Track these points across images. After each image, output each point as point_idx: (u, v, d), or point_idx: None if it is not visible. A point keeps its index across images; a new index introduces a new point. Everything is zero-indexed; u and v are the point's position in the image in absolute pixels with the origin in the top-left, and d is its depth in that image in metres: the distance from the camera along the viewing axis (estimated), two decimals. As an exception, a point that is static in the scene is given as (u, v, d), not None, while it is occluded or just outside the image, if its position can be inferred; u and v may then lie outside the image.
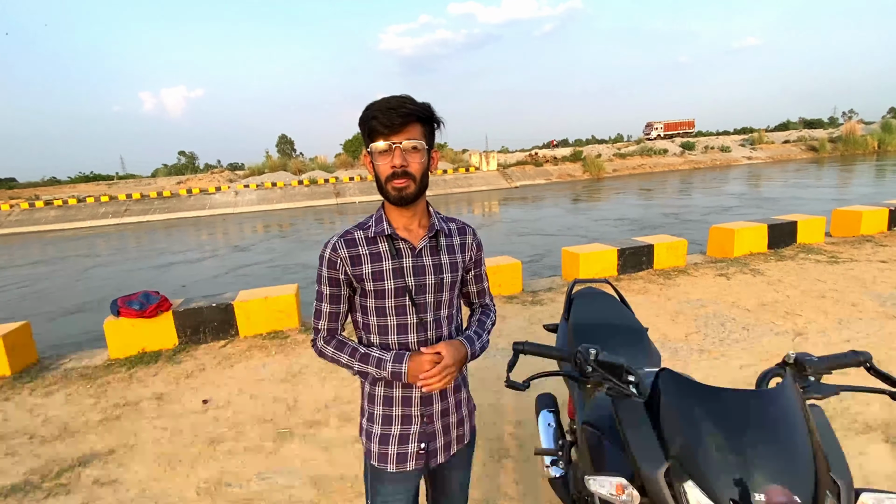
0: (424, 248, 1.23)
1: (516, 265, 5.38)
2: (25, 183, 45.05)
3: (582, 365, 1.12)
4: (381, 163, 1.13)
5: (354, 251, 1.19)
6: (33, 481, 2.68)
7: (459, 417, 1.34)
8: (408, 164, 1.12)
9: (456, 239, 1.30)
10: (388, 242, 1.20)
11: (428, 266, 1.23)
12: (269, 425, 3.11)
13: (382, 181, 1.15)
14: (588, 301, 2.20)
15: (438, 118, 1.18)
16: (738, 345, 3.79)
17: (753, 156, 37.09)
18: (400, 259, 1.20)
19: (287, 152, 60.00)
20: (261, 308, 4.57)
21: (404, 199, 1.15)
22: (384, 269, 1.19)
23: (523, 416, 3.01)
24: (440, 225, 1.27)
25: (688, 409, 0.95)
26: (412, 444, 1.25)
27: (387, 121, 1.09)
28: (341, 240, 1.21)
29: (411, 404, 1.25)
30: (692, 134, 53.92)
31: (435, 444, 1.28)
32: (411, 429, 1.25)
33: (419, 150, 1.13)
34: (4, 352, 4.01)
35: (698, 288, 5.16)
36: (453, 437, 1.32)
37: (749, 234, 6.25)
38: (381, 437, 1.26)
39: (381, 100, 1.12)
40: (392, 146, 1.11)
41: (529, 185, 29.68)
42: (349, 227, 1.24)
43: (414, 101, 1.12)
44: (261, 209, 25.66)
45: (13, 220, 24.56)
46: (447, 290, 1.26)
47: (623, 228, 12.43)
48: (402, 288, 1.19)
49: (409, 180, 1.13)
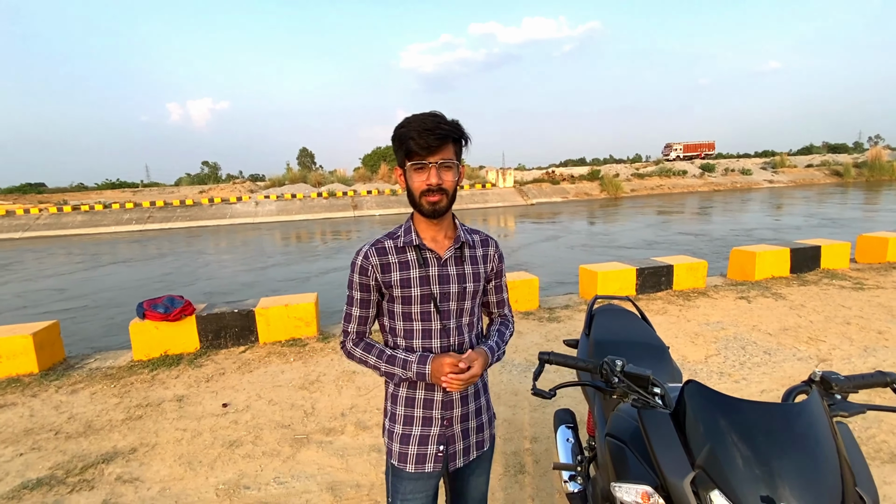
0: (450, 258, 1.29)
1: (533, 281, 5.39)
2: (54, 188, 46.54)
3: (608, 375, 1.14)
4: (416, 179, 1.20)
5: (385, 259, 1.25)
6: (58, 476, 2.75)
7: (479, 423, 1.37)
8: (442, 181, 1.19)
9: (479, 250, 1.36)
10: (416, 252, 1.26)
11: (452, 275, 1.28)
12: (287, 431, 3.15)
13: (416, 196, 1.22)
14: (609, 317, 2.21)
15: (468, 136, 1.24)
16: (759, 369, 3.73)
17: (775, 179, 36.58)
18: (426, 268, 1.26)
19: (307, 165, 61.06)
20: (281, 315, 4.65)
21: (437, 212, 1.22)
22: (411, 277, 1.25)
23: (539, 432, 3.00)
24: (465, 237, 1.33)
25: (715, 419, 0.97)
26: (432, 445, 1.29)
27: (424, 143, 1.15)
28: (372, 248, 1.26)
29: (432, 407, 1.29)
30: (712, 156, 53.45)
31: (454, 448, 1.32)
32: (431, 430, 1.29)
33: (452, 168, 1.21)
34: (34, 349, 4.13)
35: (718, 310, 5.10)
36: (472, 443, 1.36)
37: (771, 258, 6.17)
38: (401, 436, 1.30)
39: (417, 119, 1.17)
40: (428, 165, 1.17)
41: (546, 202, 29.68)
42: (380, 237, 1.30)
43: (446, 120, 1.19)
44: (280, 220, 26.08)
45: (42, 223, 25.35)
46: (469, 299, 1.31)
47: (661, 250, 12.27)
48: (428, 295, 1.25)
49: (443, 195, 1.20)
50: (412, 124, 1.16)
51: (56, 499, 2.55)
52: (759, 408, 0.97)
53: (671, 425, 1.02)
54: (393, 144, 1.23)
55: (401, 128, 1.19)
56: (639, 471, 1.14)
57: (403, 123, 1.19)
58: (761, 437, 0.92)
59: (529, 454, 2.78)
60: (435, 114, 1.19)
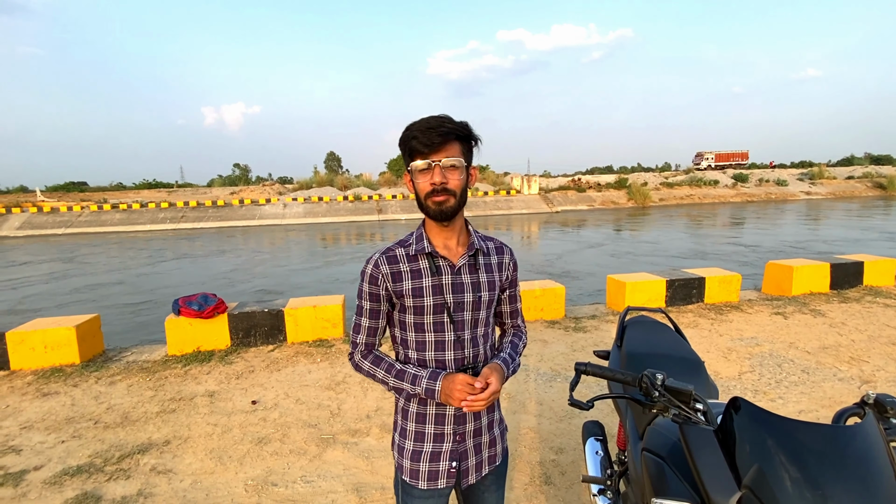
0: (463, 266, 1.24)
1: (560, 290, 5.34)
2: (95, 187, 48.62)
3: (648, 389, 1.12)
4: (421, 180, 1.15)
5: (396, 268, 1.21)
6: (96, 464, 2.86)
7: (491, 437, 1.33)
8: (447, 180, 1.14)
9: (494, 258, 1.31)
10: (429, 260, 1.22)
11: (466, 284, 1.24)
12: (314, 430, 3.19)
13: (422, 198, 1.17)
14: (642, 329, 2.17)
15: (476, 136, 1.19)
16: (796, 388, 3.60)
17: (813, 191, 35.32)
18: (439, 276, 1.21)
19: (334, 168, 62.11)
20: (309, 316, 4.73)
21: (444, 213, 1.16)
22: (424, 286, 1.21)
23: (565, 442, 2.96)
24: (479, 244, 1.28)
25: (763, 439, 0.94)
26: (444, 461, 1.25)
27: (426, 140, 1.11)
28: (383, 256, 1.22)
29: (444, 422, 1.25)
30: (745, 166, 51.98)
31: (467, 464, 1.28)
32: (443, 446, 1.25)
33: (458, 168, 1.15)
34: (76, 341, 4.32)
35: (752, 325, 4.94)
36: (485, 458, 1.32)
37: (809, 273, 5.95)
38: (412, 453, 1.27)
39: (421, 120, 1.14)
40: (432, 164, 1.13)
41: (571, 210, 29.38)
42: (391, 244, 1.26)
43: (452, 120, 1.15)
44: (306, 221, 26.56)
45: (83, 220, 26.47)
46: (484, 308, 1.27)
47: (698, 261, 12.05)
48: (441, 305, 1.21)
49: (449, 196, 1.15)
50: (417, 125, 1.13)
51: (94, 486, 2.64)
52: (811, 429, 0.94)
53: (716, 443, 0.99)
54: (400, 150, 1.19)
55: (405, 131, 1.15)
56: (678, 488, 1.11)
57: (408, 126, 1.15)
58: (813, 460, 0.89)
59: (555, 465, 2.75)
60: (441, 115, 1.15)
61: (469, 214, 20.61)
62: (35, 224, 25.73)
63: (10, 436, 3.19)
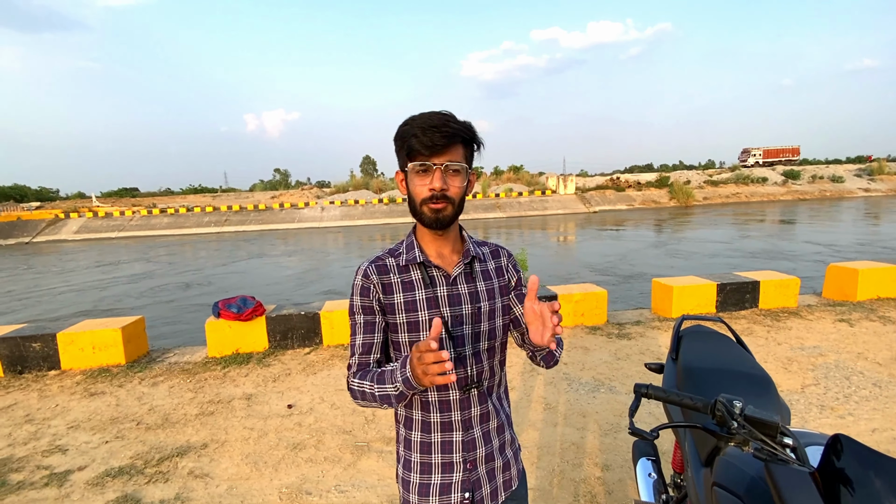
0: (459, 275, 1.13)
1: (601, 294, 5.11)
2: (145, 192, 51.22)
3: (725, 419, 0.97)
4: (418, 184, 1.05)
5: (386, 278, 1.11)
6: (137, 466, 2.90)
7: (505, 461, 1.20)
8: (448, 187, 1.03)
9: (490, 263, 1.19)
10: (421, 270, 1.11)
11: (464, 294, 1.12)
12: (348, 437, 3.14)
13: (417, 203, 1.06)
14: (700, 341, 1.98)
15: (479, 140, 1.09)
16: (867, 403, 3.27)
17: (872, 188, 33.05)
18: (434, 288, 1.11)
19: (369, 172, 63.03)
20: (344, 319, 4.70)
21: (440, 221, 1.06)
22: (417, 299, 1.10)
23: (611, 459, 2.78)
24: (475, 250, 1.17)
25: (881, 486, 0.78)
26: (455, 493, 1.12)
27: (428, 141, 1.00)
28: (372, 265, 1.12)
29: (452, 450, 1.13)
30: (796, 162, 49.25)
31: (481, 493, 1.14)
32: (453, 477, 1.13)
33: (460, 173, 1.05)
34: (122, 342, 4.45)
35: (814, 333, 4.57)
36: (499, 483, 1.18)
37: (877, 276, 5.47)
38: (419, 486, 1.14)
39: (421, 116, 1.03)
40: (433, 167, 1.02)
41: (609, 210, 28.61)
42: (380, 253, 1.16)
43: (455, 119, 1.04)
44: (343, 224, 27.00)
45: (134, 224, 27.87)
46: (486, 320, 1.14)
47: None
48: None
49: (448, 203, 1.05)
50: (416, 121, 1.02)
51: (135, 489, 2.67)
52: None
53: (814, 488, 0.84)
54: (395, 145, 1.07)
55: (403, 126, 1.04)
56: None
57: (407, 121, 1.04)
58: None
59: (601, 483, 2.58)
60: (444, 112, 1.04)
61: (503, 215, 20.56)
62: (91, 228, 27.28)
63: (57, 435, 3.29)
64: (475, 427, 1.15)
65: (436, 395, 1.13)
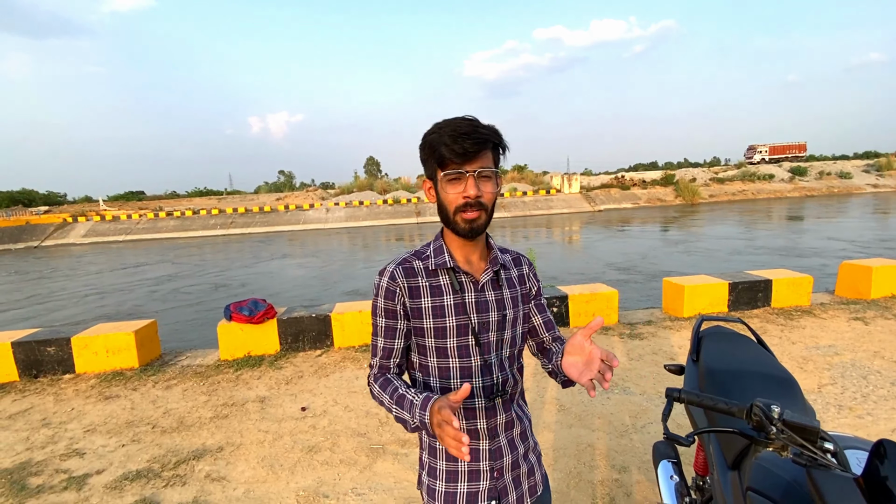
0: (487, 282, 1.12)
1: (612, 294, 5.09)
2: (152, 196, 51.51)
3: (763, 424, 0.96)
4: (451, 192, 1.04)
5: (414, 282, 1.10)
6: (154, 469, 2.91)
7: (529, 466, 1.20)
8: (482, 194, 1.03)
9: (514, 271, 1.20)
10: (450, 275, 1.10)
11: (491, 301, 1.12)
12: (363, 439, 3.14)
13: (450, 212, 1.05)
14: (721, 342, 1.97)
15: (505, 144, 1.09)
16: (886, 403, 3.23)
17: (880, 183, 32.75)
18: (462, 294, 1.10)
19: (373, 173, 63.13)
20: (355, 321, 4.71)
21: (475, 230, 1.05)
22: (445, 304, 1.09)
23: (628, 460, 2.77)
24: (502, 258, 1.17)
25: None
26: (481, 502, 1.12)
27: (460, 148, 0.99)
28: (399, 268, 1.10)
29: (479, 458, 1.12)
30: (803, 158, 48.88)
31: (507, 501, 1.14)
32: (480, 485, 1.12)
33: (491, 179, 1.05)
34: (135, 346, 4.47)
35: (829, 332, 4.53)
36: (525, 490, 1.18)
37: (891, 274, 5.42)
38: (446, 494, 1.13)
39: (448, 123, 1.02)
40: (465, 175, 1.01)
41: (614, 208, 28.50)
42: (405, 255, 1.14)
43: (482, 124, 1.04)
44: (348, 225, 27.05)
45: (141, 227, 28.05)
46: (510, 328, 1.15)
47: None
48: (465, 326, 1.09)
49: (482, 211, 1.04)
50: (444, 129, 1.01)
51: (153, 492, 2.68)
52: None
53: (859, 495, 0.83)
54: (421, 154, 1.07)
55: (431, 133, 1.03)
56: None
57: (433, 129, 1.03)
58: None
59: (618, 485, 2.56)
60: (470, 118, 1.03)
61: (508, 215, 20.45)
62: (98, 231, 27.47)
63: (74, 439, 3.31)
64: (500, 435, 1.15)
65: (461, 404, 1.12)
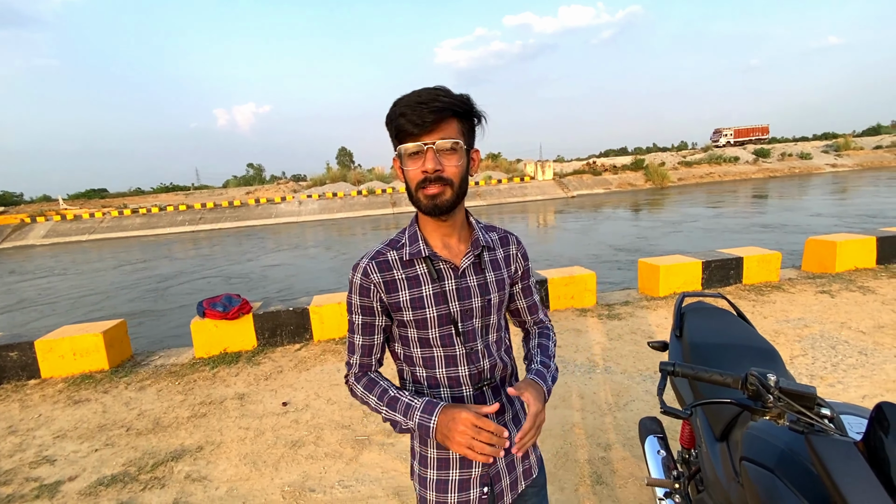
0: (468, 267, 1.06)
1: (591, 276, 5.14)
2: (115, 193, 49.55)
3: (759, 392, 0.96)
4: (411, 167, 0.96)
5: (389, 275, 1.03)
6: (131, 473, 2.80)
7: None
8: (443, 167, 0.95)
9: (499, 252, 1.14)
10: (427, 264, 1.04)
11: (473, 287, 1.06)
12: (348, 431, 3.09)
13: (413, 189, 0.99)
14: (704, 317, 1.99)
15: (479, 112, 1.01)
16: (855, 371, 3.37)
17: (839, 163, 34.10)
18: (441, 282, 1.04)
19: (346, 164, 62.19)
20: (334, 313, 4.63)
21: (438, 207, 0.98)
22: (424, 295, 1.03)
23: (612, 438, 2.80)
24: (484, 238, 1.11)
25: None
26: (475, 489, 1.09)
27: (417, 118, 0.92)
28: (372, 262, 1.04)
29: None
30: (766, 140, 50.52)
31: (500, 485, 1.11)
32: (472, 472, 1.09)
33: (456, 151, 0.96)
34: (104, 347, 4.29)
35: (797, 306, 4.69)
36: (519, 473, 1.15)
37: (854, 248, 5.64)
38: (437, 483, 1.10)
39: (411, 93, 0.95)
40: (424, 147, 0.94)
41: (587, 194, 28.88)
42: (380, 247, 1.07)
43: (449, 92, 0.96)
44: (322, 218, 26.61)
45: (105, 226, 26.94)
46: (495, 312, 1.10)
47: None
48: (446, 315, 1.04)
49: (445, 186, 0.96)
50: (404, 99, 0.94)
51: (130, 496, 2.58)
52: None
53: (861, 459, 0.83)
54: (386, 128, 1.00)
55: (392, 106, 0.96)
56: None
57: (396, 101, 0.96)
58: None
59: (605, 463, 2.59)
60: (436, 87, 0.96)
61: (483, 203, 20.25)
62: (60, 232, 26.28)
63: (44, 445, 3.15)
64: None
65: (448, 392, 1.09)
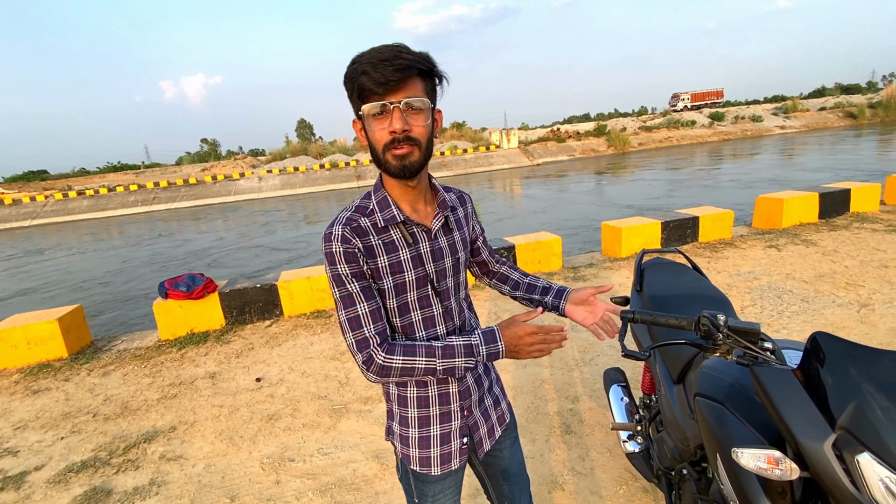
0: (438, 228, 1.09)
1: (556, 240, 5.26)
2: (57, 174, 46.34)
3: (710, 332, 1.03)
4: (376, 128, 0.94)
5: (367, 241, 1.01)
6: (102, 457, 2.75)
7: (494, 398, 1.25)
8: (410, 127, 0.93)
9: (460, 210, 1.18)
10: (402, 229, 1.04)
11: (444, 248, 1.09)
12: (324, 402, 3.13)
13: (380, 151, 0.96)
14: (662, 271, 2.10)
15: (441, 72, 0.99)
16: (798, 317, 3.63)
17: (787, 125, 35.58)
18: (417, 245, 1.05)
19: (307, 137, 60.15)
20: (303, 288, 4.58)
21: (408, 168, 0.96)
22: (402, 260, 1.03)
23: (579, 391, 2.95)
24: (450, 199, 1.14)
25: (856, 374, 0.86)
26: (455, 441, 1.14)
27: (380, 76, 0.88)
28: (348, 227, 1.00)
29: (449, 401, 1.13)
30: (721, 104, 51.99)
31: (479, 434, 1.18)
32: (451, 425, 1.14)
33: (422, 110, 0.94)
34: (61, 334, 4.12)
35: (748, 260, 4.97)
36: (494, 421, 1.23)
37: (798, 204, 5.98)
38: (419, 440, 1.13)
39: (370, 51, 0.92)
40: (390, 107, 0.92)
41: (552, 161, 29.16)
42: (349, 213, 1.03)
43: (409, 50, 0.93)
44: (284, 194, 25.89)
45: (49, 210, 25.35)
46: (462, 270, 1.16)
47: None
48: (423, 277, 1.06)
49: (413, 146, 0.95)
50: (364, 57, 0.91)
51: (103, 480, 2.55)
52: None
53: (798, 384, 0.92)
54: (345, 88, 0.96)
55: (351, 64, 0.92)
56: (742, 432, 1.05)
57: (355, 59, 0.92)
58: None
59: (573, 414, 2.74)
60: (396, 44, 0.92)
61: (450, 174, 19.92)
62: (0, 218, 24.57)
63: (3, 437, 3.05)
64: (468, 375, 1.16)
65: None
